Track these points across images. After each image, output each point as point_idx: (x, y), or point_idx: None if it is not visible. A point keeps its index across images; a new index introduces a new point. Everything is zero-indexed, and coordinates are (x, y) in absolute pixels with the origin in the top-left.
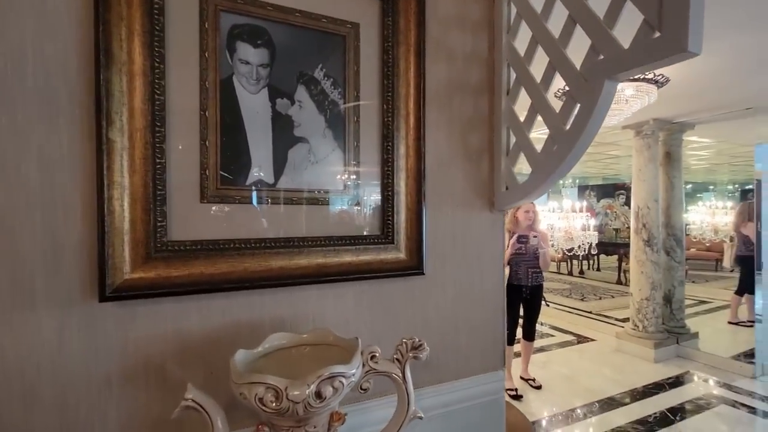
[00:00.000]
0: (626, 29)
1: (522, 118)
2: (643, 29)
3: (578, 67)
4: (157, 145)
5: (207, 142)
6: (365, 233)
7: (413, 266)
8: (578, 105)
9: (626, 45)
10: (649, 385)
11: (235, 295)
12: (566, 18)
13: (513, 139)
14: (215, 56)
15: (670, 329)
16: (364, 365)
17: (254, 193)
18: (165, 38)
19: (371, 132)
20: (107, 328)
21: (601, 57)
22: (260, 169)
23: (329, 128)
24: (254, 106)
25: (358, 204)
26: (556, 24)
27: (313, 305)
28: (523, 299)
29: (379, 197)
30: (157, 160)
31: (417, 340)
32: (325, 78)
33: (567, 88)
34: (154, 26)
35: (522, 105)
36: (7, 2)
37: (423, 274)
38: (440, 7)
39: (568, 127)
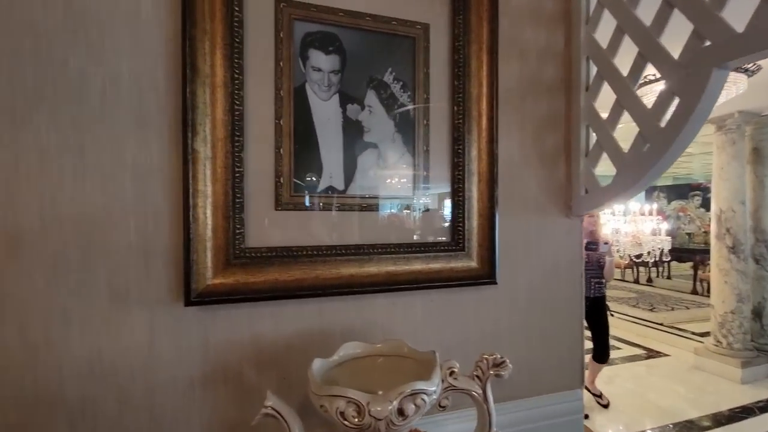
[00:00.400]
0: (736, 13)
1: (604, 116)
2: (764, 10)
3: (675, 56)
4: (236, 154)
5: (281, 150)
6: (435, 240)
7: (485, 275)
8: (677, 99)
9: (738, 29)
10: (736, 408)
11: (307, 301)
12: (660, 3)
13: (593, 139)
14: (289, 65)
15: (761, 347)
16: (443, 381)
17: (324, 200)
18: (244, 50)
19: (441, 135)
20: (191, 331)
21: (708, 43)
22: (331, 176)
23: (398, 132)
24: (326, 112)
25: (428, 210)
26: (644, 11)
27: (382, 314)
28: (585, 313)
29: (450, 203)
30: (236, 169)
31: (499, 356)
32: (395, 81)
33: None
34: (234, 39)
35: (603, 102)
36: (108, 26)
37: (495, 283)
38: (512, 1)
39: (663, 124)
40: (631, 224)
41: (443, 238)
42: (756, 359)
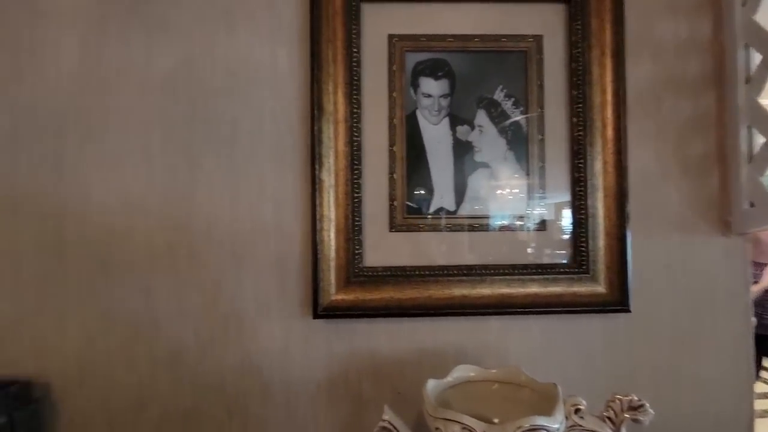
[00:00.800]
0: None
1: None
2: None
3: None
4: (355, 181)
5: (394, 175)
6: (554, 261)
7: (615, 301)
8: None
9: None
10: None
11: (420, 320)
12: None
13: (757, 141)
14: (401, 94)
15: None
16: (566, 418)
17: (436, 222)
18: (361, 86)
19: (558, 150)
20: (318, 341)
21: None
22: (442, 197)
23: (510, 150)
24: (436, 136)
25: (545, 229)
26: None
27: (496, 337)
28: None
29: (570, 221)
30: (355, 195)
31: (636, 398)
32: (506, 98)
33: None
34: (352, 77)
35: None
36: (252, 75)
37: (628, 311)
38: None
39: None
40: None
41: (563, 260)
42: None
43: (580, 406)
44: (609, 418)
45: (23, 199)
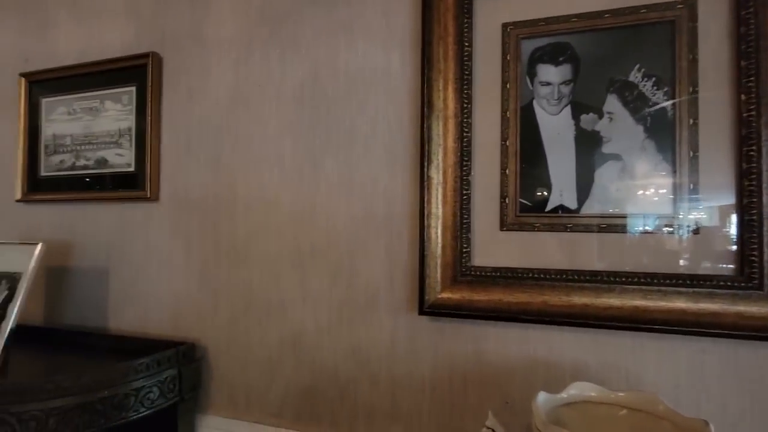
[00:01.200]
0: None
1: None
2: None
3: None
4: (464, 177)
5: (507, 171)
6: (710, 273)
7: None
8: None
9: None
10: None
11: (532, 327)
12: None
13: None
14: (516, 85)
15: None
16: None
17: (554, 220)
18: (472, 80)
19: (719, 135)
20: (423, 337)
21: None
22: (561, 194)
23: (650, 138)
24: (555, 127)
25: (697, 231)
26: None
27: (628, 357)
28: None
29: (735, 222)
30: (464, 192)
31: None
32: (645, 79)
33: None
34: (463, 72)
35: None
36: (368, 81)
37: None
38: None
39: None
40: None
41: (724, 271)
42: None
43: None
44: None
45: (193, 196)
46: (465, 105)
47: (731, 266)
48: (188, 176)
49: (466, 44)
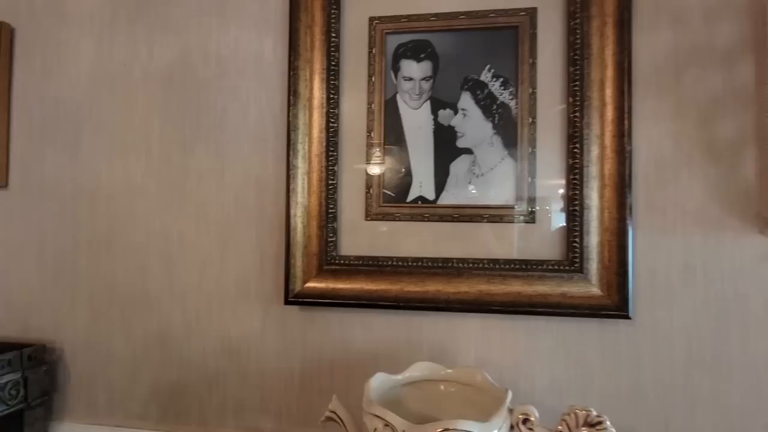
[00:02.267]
0: None
1: None
2: None
3: None
4: (330, 167)
5: (372, 162)
6: (542, 258)
7: (612, 306)
8: None
9: None
10: None
11: (395, 313)
12: None
13: None
14: (381, 78)
15: None
16: (512, 428)
17: (414, 210)
18: (339, 71)
19: (552, 133)
20: (294, 328)
21: None
22: (421, 186)
23: (497, 135)
24: (416, 121)
25: (533, 221)
26: None
27: (476, 337)
28: None
29: (563, 213)
30: (330, 182)
31: (594, 414)
32: (494, 79)
33: None
34: (330, 62)
35: None
36: (240, 66)
37: (628, 318)
38: None
39: None
40: None
41: (553, 256)
42: None
43: (529, 417)
44: None
45: (48, 183)
46: (332, 95)
47: (559, 252)
48: (43, 161)
49: (333, 35)
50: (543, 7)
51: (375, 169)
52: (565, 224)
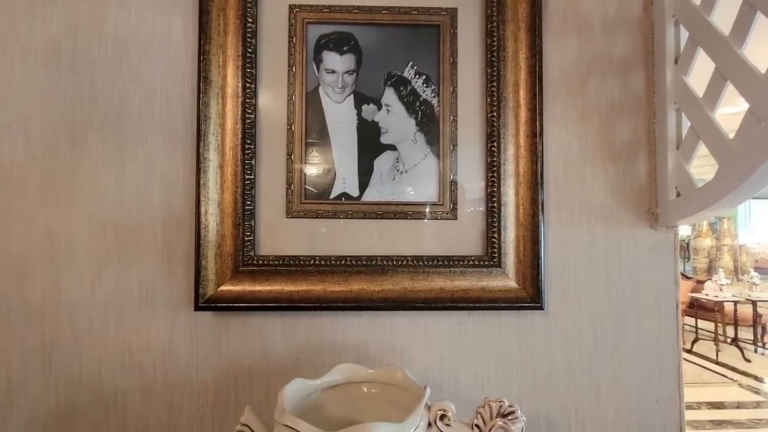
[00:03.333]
0: None
1: (701, 93)
2: None
3: None
4: (247, 161)
5: (293, 156)
6: (463, 254)
7: (527, 297)
8: None
9: None
10: None
11: (319, 315)
12: None
13: (686, 125)
14: (302, 69)
15: None
16: (430, 425)
17: (337, 207)
18: (257, 59)
19: (472, 132)
20: (207, 336)
21: None
22: (344, 182)
23: (420, 132)
24: (339, 115)
25: (455, 218)
26: None
27: (402, 335)
28: None
29: (482, 209)
30: (247, 177)
31: (507, 404)
32: (416, 76)
33: None
34: (246, 49)
35: (699, 76)
36: (145, 49)
37: (541, 308)
38: None
39: None
40: None
41: (473, 252)
42: None
43: (446, 412)
44: (477, 426)
45: None
46: (248, 84)
47: (478, 247)
48: None
49: (250, 20)
50: (463, 9)
51: (296, 164)
52: (484, 221)
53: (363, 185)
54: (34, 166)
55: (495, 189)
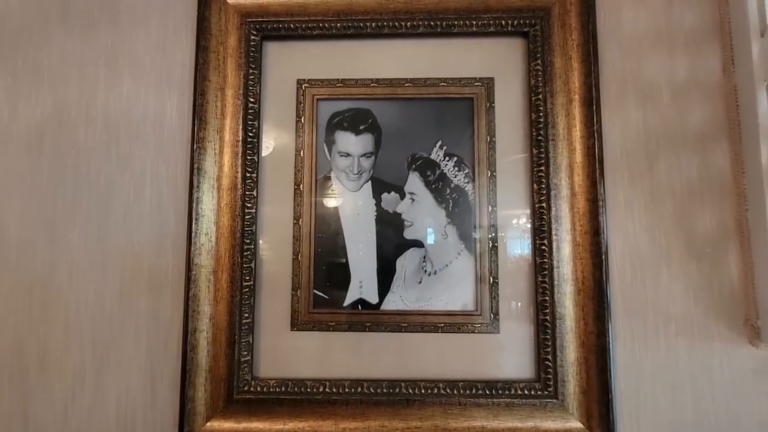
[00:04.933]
0: None
1: None
2: None
3: None
4: (246, 265)
5: (300, 256)
6: (508, 378)
7: None
8: None
9: None
10: None
11: None
12: None
13: None
14: (312, 153)
15: None
16: None
17: (352, 318)
18: (259, 143)
19: (515, 225)
20: None
21: None
22: (361, 286)
23: (452, 224)
24: (355, 206)
25: (496, 331)
26: None
27: None
28: None
29: (532, 322)
30: (245, 283)
31: None
32: (446, 158)
33: None
34: (247, 133)
35: None
36: (136, 135)
37: None
38: (625, 25)
39: None
40: None
41: (520, 376)
42: None
43: None
44: None
45: None
46: (248, 173)
47: (527, 372)
48: None
49: (252, 100)
50: (501, 78)
51: (303, 265)
52: (535, 336)
53: (383, 290)
54: (7, 268)
55: (547, 298)
